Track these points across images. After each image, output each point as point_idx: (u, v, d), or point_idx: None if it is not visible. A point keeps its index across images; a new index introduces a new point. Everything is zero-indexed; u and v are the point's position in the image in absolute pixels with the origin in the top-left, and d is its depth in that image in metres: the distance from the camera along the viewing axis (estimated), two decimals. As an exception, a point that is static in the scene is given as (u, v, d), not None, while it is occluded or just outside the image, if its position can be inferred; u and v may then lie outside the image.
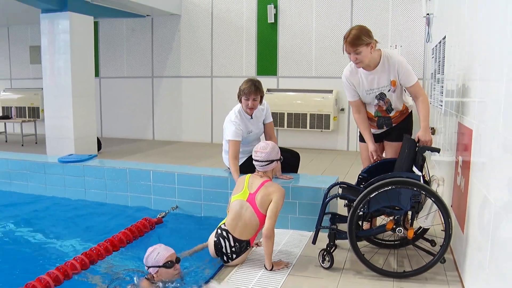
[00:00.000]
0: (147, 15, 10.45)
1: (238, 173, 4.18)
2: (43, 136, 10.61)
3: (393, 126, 3.90)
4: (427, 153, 3.55)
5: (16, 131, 12.02)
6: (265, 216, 3.45)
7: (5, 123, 11.43)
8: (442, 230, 3.33)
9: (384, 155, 4.01)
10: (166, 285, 3.11)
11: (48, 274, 3.19)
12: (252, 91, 4.28)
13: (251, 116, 4.47)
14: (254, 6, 9.66)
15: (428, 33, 7.55)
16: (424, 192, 3.14)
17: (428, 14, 7.44)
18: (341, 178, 5.37)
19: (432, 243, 3.51)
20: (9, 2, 8.39)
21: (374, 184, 3.23)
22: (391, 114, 3.85)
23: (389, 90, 3.73)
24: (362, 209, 3.29)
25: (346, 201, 3.54)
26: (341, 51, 9.20)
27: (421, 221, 3.30)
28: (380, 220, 3.85)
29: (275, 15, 9.45)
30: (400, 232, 3.25)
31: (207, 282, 3.22)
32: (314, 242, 3.56)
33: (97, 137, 8.83)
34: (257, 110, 4.52)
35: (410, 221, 3.34)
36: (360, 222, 3.51)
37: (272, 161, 3.64)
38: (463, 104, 3.55)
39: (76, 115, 8.08)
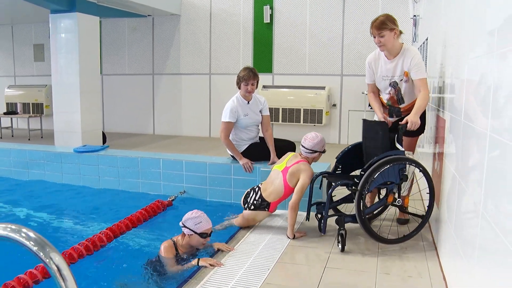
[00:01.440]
0: (148, 15, 10.92)
1: (236, 149, 4.90)
2: (47, 130, 11.11)
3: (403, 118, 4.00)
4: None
5: (20, 126, 12.45)
6: (290, 188, 4.06)
7: (11, 118, 11.86)
8: (427, 193, 3.81)
9: None
10: (185, 256, 3.59)
11: (80, 245, 3.70)
12: (250, 76, 4.84)
13: (248, 102, 4.99)
14: (250, 7, 10.16)
15: (414, 33, 8.07)
16: (414, 164, 3.66)
17: (415, 15, 7.96)
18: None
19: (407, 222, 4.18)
20: (17, 2, 8.83)
21: (372, 166, 3.60)
22: (402, 106, 4.17)
23: (401, 80, 4.06)
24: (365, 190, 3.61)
25: (350, 186, 3.81)
26: (333, 49, 9.75)
27: (404, 192, 3.83)
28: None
29: (271, 15, 9.95)
30: (400, 203, 3.75)
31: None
32: (323, 231, 3.88)
33: (102, 131, 9.30)
34: (254, 99, 5.04)
35: (404, 191, 3.88)
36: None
37: (315, 151, 4.21)
38: (440, 99, 4.07)
39: (83, 110, 8.56)
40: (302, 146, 4.23)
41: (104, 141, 9.27)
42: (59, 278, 1.28)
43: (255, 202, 4.18)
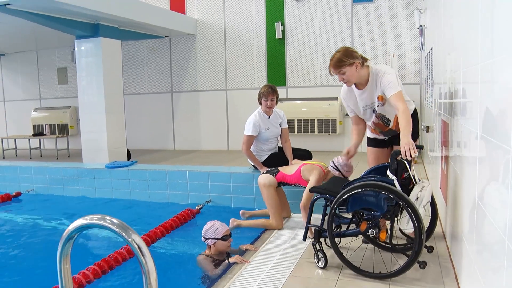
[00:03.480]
0: (165, 36, 11.43)
1: (257, 159, 5.29)
2: (73, 150, 11.63)
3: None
4: (427, 155, 4.20)
5: (47, 147, 12.99)
6: (300, 177, 4.62)
7: (39, 140, 12.42)
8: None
9: None
10: (217, 257, 3.98)
11: (122, 249, 4.11)
12: (270, 92, 5.27)
13: (269, 116, 5.39)
14: (263, 24, 10.62)
15: (421, 42, 8.45)
16: (391, 195, 3.21)
17: (421, 25, 8.34)
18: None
19: (429, 249, 3.66)
20: (43, 30, 9.37)
21: (349, 186, 3.42)
22: (390, 126, 4.02)
23: (378, 106, 3.94)
24: (341, 209, 3.48)
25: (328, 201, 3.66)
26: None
27: (402, 225, 3.34)
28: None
29: (283, 32, 10.39)
30: (373, 234, 3.36)
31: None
32: (304, 239, 3.91)
33: (127, 148, 9.77)
34: (274, 113, 5.44)
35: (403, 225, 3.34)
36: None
37: (338, 170, 4.51)
38: (444, 104, 4.42)
39: (109, 129, 9.03)
40: (334, 165, 4.52)
41: (129, 157, 9.73)
42: (140, 254, 1.67)
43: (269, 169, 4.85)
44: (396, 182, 3.33)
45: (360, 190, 3.35)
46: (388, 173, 3.41)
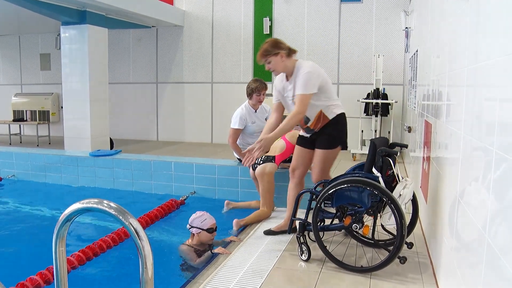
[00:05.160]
0: (152, 26, 11.39)
1: (242, 152, 5.33)
2: (54, 137, 11.53)
3: (318, 132, 4.06)
4: (407, 153, 4.32)
5: (27, 133, 12.84)
6: (291, 144, 4.81)
7: (20, 125, 12.27)
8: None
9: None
10: (199, 248, 4.03)
11: (107, 236, 4.13)
12: (263, 87, 5.37)
13: (255, 110, 5.45)
14: (251, 18, 10.65)
15: (406, 44, 8.58)
16: (376, 191, 3.30)
17: (407, 27, 8.47)
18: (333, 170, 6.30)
19: (409, 245, 3.71)
20: (28, 13, 9.23)
21: (335, 181, 3.51)
22: (309, 124, 4.05)
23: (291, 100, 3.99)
24: (326, 204, 3.55)
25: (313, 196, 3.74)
26: (330, 59, 10.18)
27: (384, 220, 3.44)
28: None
29: (270, 27, 10.44)
30: (356, 228, 3.46)
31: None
32: (289, 231, 4.09)
33: (110, 137, 9.73)
34: (260, 107, 5.51)
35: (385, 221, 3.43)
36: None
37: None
38: (427, 105, 4.53)
39: (93, 117, 8.99)
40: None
41: (111, 147, 9.70)
42: (137, 238, 1.71)
43: (262, 159, 4.88)
44: (380, 179, 3.41)
45: (345, 185, 3.43)
46: (373, 170, 3.48)
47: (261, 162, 4.88)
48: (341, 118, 4.05)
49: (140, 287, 1.72)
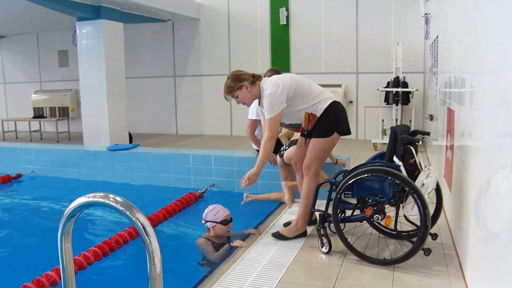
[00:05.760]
0: (168, 20, 11.34)
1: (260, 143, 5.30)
2: (74, 133, 11.60)
3: (314, 126, 3.90)
4: (429, 142, 4.12)
5: (47, 129, 12.96)
6: None
7: (39, 122, 12.38)
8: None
9: None
10: (217, 241, 3.96)
11: (124, 231, 4.09)
12: None
13: None
14: (267, 9, 10.52)
15: (426, 31, 8.36)
16: (397, 181, 3.18)
17: (426, 14, 8.25)
18: (353, 161, 6.19)
19: (433, 236, 3.57)
20: (44, 11, 9.27)
21: (355, 171, 3.42)
22: (302, 127, 3.94)
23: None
24: (347, 194, 3.51)
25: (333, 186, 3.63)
26: (348, 48, 10.03)
27: (406, 211, 3.31)
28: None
29: (287, 17, 10.30)
30: (378, 219, 3.37)
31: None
32: (308, 223, 3.98)
33: (128, 132, 9.74)
34: None
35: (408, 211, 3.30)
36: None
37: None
38: (450, 93, 4.38)
39: (111, 112, 9.00)
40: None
41: (130, 141, 9.70)
42: (144, 234, 1.64)
43: (286, 145, 4.79)
44: (402, 168, 3.29)
45: (366, 175, 3.33)
46: (395, 158, 3.36)
47: (286, 147, 4.78)
48: (330, 109, 3.84)
49: (148, 285, 1.65)
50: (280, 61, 10.47)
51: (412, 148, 3.41)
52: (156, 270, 1.64)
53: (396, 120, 8.94)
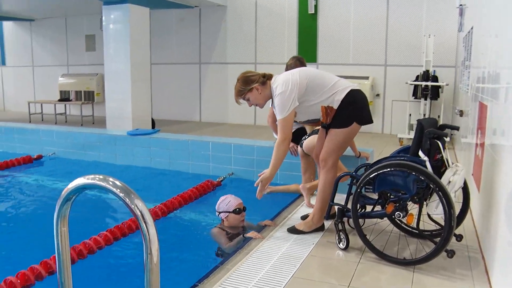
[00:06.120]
0: (195, 6, 11.22)
1: None
2: (98, 117, 11.63)
3: (333, 118, 3.66)
4: (458, 138, 3.87)
5: (72, 113, 13.05)
6: None
7: (65, 105, 12.47)
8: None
9: None
10: (232, 231, 3.84)
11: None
12: (297, 65, 4.95)
13: None
14: (295, -2, 10.32)
15: (460, 23, 8.04)
16: (422, 177, 2.99)
17: (461, 4, 7.93)
18: (377, 156, 5.99)
19: (458, 237, 3.38)
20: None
21: (377, 165, 3.24)
22: (321, 120, 3.73)
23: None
24: (367, 189, 3.28)
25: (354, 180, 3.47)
26: (377, 40, 9.79)
27: (430, 209, 3.15)
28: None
29: (315, 6, 10.06)
30: (399, 217, 3.17)
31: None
32: (326, 217, 3.77)
33: (151, 117, 9.69)
34: None
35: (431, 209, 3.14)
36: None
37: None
38: (482, 88, 4.15)
39: (134, 97, 8.96)
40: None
41: (153, 127, 9.66)
42: (142, 221, 1.51)
43: (307, 134, 4.60)
44: (427, 163, 3.09)
45: (388, 169, 3.14)
46: (420, 153, 3.16)
47: (306, 137, 4.61)
48: (348, 100, 3.59)
49: (145, 275, 1.53)
50: (307, 51, 10.26)
51: (439, 142, 3.22)
52: (153, 260, 1.53)
53: (424, 115, 8.66)
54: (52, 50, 13.76)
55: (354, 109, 3.63)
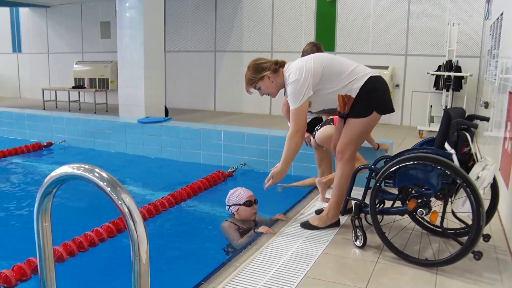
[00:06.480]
0: (211, -7, 11.00)
1: None
2: (112, 105, 11.50)
3: (352, 107, 3.42)
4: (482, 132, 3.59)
5: (87, 100, 12.95)
6: None
7: (79, 92, 12.37)
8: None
9: None
10: (243, 225, 3.65)
11: (143, 208, 3.82)
12: (314, 51, 4.68)
13: None
14: (314, -16, 10.02)
15: (487, 10, 7.70)
16: (448, 171, 2.75)
17: (488, -9, 7.59)
18: (395, 148, 5.75)
19: (486, 238, 3.16)
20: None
21: (398, 157, 3.01)
22: (338, 109, 3.50)
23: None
24: (387, 183, 3.07)
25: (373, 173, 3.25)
26: (398, 28, 9.48)
27: (456, 206, 2.88)
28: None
29: (335, -7, 9.77)
30: (422, 214, 2.95)
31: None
32: (342, 213, 3.49)
33: (165, 105, 9.52)
34: None
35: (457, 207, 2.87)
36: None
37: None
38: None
39: (147, 85, 8.79)
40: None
41: (166, 115, 9.49)
42: (129, 219, 1.31)
43: (320, 125, 4.32)
44: (454, 157, 2.84)
45: (411, 162, 2.89)
46: (446, 145, 2.90)
47: (319, 127, 4.36)
48: (368, 87, 3.33)
49: (132, 280, 1.32)
50: (325, 40, 9.96)
51: (467, 134, 2.95)
52: (142, 263, 1.32)
53: (446, 106, 8.34)
54: (67, 37, 13.66)
55: (374, 98, 3.36)
